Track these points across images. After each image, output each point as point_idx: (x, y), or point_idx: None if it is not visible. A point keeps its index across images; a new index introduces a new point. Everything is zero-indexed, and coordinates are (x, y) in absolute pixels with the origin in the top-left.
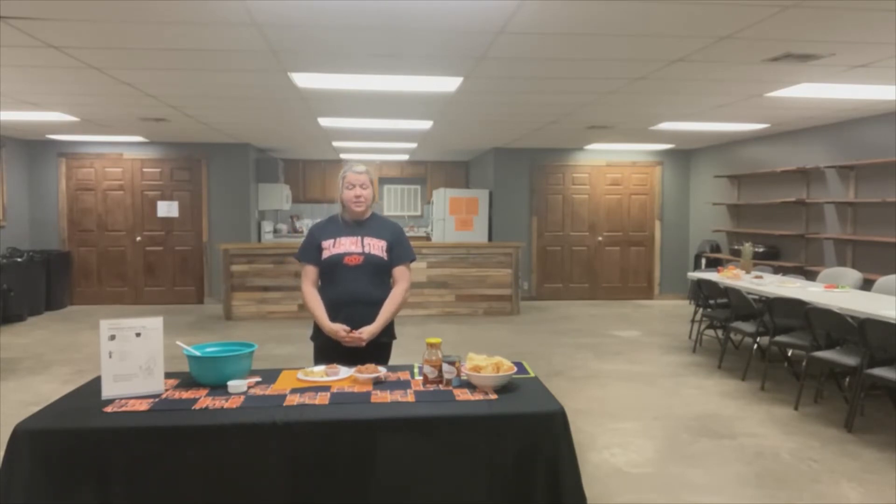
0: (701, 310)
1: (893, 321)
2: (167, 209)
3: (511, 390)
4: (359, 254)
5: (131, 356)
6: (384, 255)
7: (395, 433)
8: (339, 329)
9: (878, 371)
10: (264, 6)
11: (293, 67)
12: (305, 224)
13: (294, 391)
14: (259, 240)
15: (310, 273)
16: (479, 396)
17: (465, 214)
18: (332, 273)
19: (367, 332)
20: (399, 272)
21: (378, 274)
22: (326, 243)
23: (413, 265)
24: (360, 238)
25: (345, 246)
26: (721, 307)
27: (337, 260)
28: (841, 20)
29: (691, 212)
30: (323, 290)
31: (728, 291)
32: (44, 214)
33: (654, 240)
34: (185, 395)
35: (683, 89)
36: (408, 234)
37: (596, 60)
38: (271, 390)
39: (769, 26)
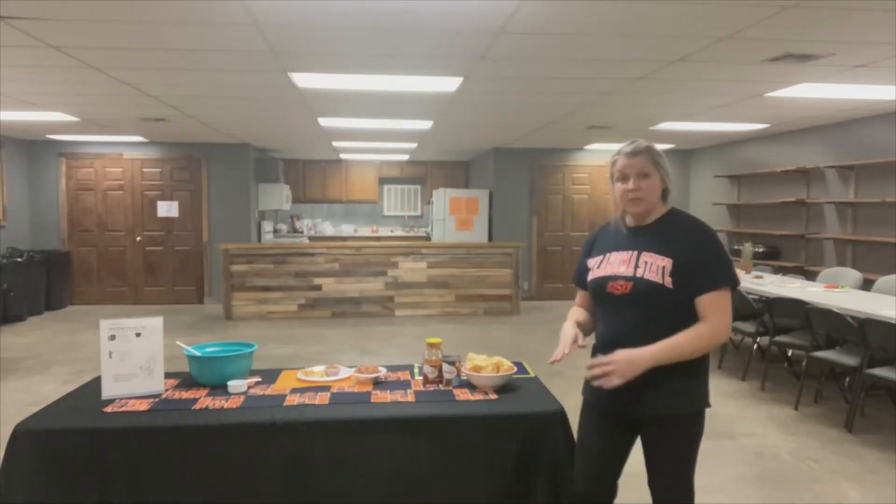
0: None
1: (893, 321)
2: (167, 209)
3: (511, 390)
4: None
5: (131, 356)
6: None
7: (395, 433)
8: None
9: (878, 371)
10: (264, 6)
11: (293, 67)
12: (305, 224)
13: (294, 391)
14: (259, 240)
15: (580, 296)
16: (479, 396)
17: (465, 214)
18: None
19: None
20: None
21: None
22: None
23: (413, 265)
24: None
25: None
26: None
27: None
28: (841, 20)
29: (691, 212)
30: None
31: None
32: (44, 214)
33: None
34: (185, 395)
35: (683, 89)
36: (408, 234)
37: (596, 60)
38: (271, 390)
39: (769, 26)
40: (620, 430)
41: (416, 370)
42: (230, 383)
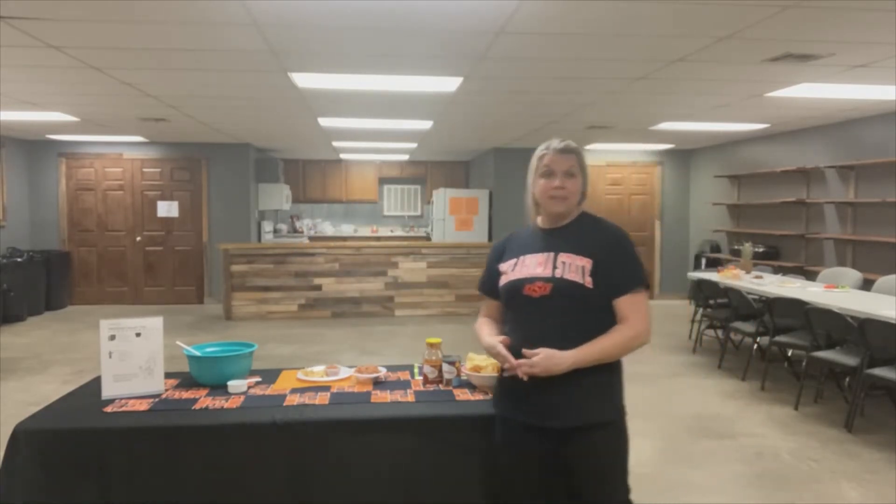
0: (701, 310)
1: (893, 321)
2: (167, 209)
3: None
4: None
5: (131, 356)
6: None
7: (395, 433)
8: (496, 343)
9: (878, 371)
10: (264, 6)
11: (293, 67)
12: (305, 224)
13: (294, 391)
14: (259, 240)
15: (487, 307)
16: (479, 396)
17: (465, 214)
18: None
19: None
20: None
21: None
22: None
23: (413, 265)
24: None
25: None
26: (721, 307)
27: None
28: (841, 20)
29: (691, 212)
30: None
31: (728, 291)
32: (44, 214)
33: (654, 240)
34: (185, 395)
35: (683, 89)
36: (408, 234)
37: (596, 60)
38: (271, 390)
39: (769, 26)
40: (538, 442)
41: (416, 370)
42: (230, 383)
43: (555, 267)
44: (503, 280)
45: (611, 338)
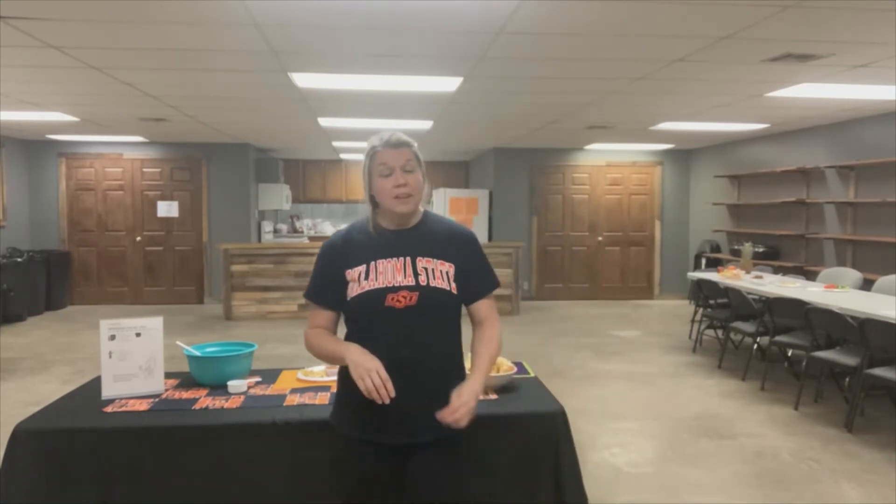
0: (701, 310)
1: (893, 321)
2: (167, 209)
3: (511, 390)
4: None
5: (131, 356)
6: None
7: None
8: (376, 368)
9: (878, 371)
10: (264, 6)
11: (293, 67)
12: (305, 224)
13: (294, 391)
14: (259, 240)
15: (321, 319)
16: (480, 397)
17: (465, 214)
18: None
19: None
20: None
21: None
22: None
23: None
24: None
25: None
26: (721, 307)
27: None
28: (841, 20)
29: (691, 212)
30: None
31: (728, 291)
32: (44, 214)
33: (654, 240)
34: (185, 395)
35: (683, 89)
36: None
37: (596, 60)
38: (271, 390)
39: (769, 26)
40: (393, 460)
41: None
42: (230, 383)
43: (416, 273)
44: (356, 290)
45: (492, 345)
